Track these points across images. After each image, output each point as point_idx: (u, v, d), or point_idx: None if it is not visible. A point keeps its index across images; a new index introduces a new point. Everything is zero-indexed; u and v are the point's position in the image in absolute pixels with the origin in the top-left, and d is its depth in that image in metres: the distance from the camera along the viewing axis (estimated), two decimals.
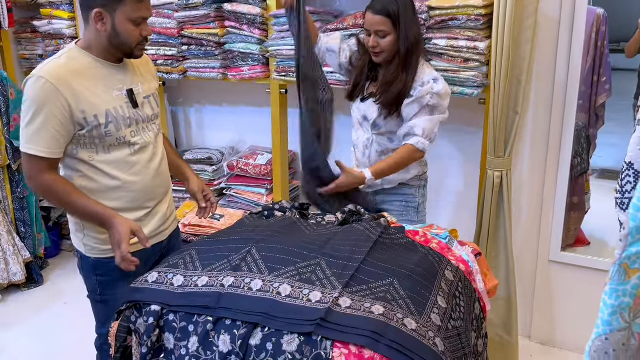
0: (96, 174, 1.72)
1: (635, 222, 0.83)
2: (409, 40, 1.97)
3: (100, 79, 1.70)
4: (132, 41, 1.69)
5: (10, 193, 3.34)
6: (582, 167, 2.88)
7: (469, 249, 1.79)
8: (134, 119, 1.75)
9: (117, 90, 1.73)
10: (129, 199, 1.77)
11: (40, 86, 1.60)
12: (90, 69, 1.69)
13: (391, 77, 2.00)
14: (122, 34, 1.67)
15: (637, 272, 0.84)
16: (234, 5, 2.74)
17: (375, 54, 2.02)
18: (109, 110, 1.69)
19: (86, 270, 1.83)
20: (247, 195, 3.07)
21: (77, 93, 1.63)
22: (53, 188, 1.67)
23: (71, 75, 1.64)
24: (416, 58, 2.01)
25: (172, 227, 1.99)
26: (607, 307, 0.87)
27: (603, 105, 3.08)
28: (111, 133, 1.69)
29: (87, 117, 1.65)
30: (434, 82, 1.99)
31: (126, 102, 1.74)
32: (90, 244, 1.78)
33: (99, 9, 1.63)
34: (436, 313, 1.39)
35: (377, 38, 1.97)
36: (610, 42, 2.98)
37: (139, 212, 1.80)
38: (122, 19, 1.65)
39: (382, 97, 2.03)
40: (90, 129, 1.66)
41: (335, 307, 1.33)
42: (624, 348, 0.88)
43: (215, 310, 1.40)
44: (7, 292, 3.28)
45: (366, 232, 1.69)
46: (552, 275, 2.63)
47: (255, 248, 1.58)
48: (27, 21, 3.65)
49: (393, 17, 1.94)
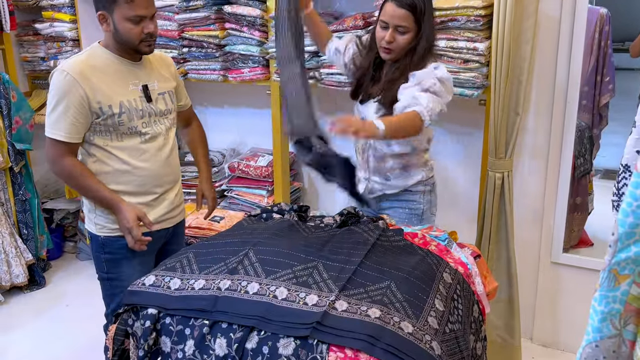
0: (109, 158, 1.90)
1: (624, 227, 0.82)
2: (429, 39, 1.87)
3: (117, 74, 1.88)
4: (133, 39, 1.83)
5: (13, 195, 3.34)
6: (585, 167, 2.87)
7: (468, 251, 1.77)
8: (146, 111, 1.92)
9: (132, 85, 1.90)
10: (138, 183, 1.94)
11: (63, 78, 1.79)
12: (109, 65, 1.88)
13: (396, 75, 1.88)
14: (123, 33, 1.82)
15: (627, 278, 0.83)
16: (234, 7, 2.74)
17: (386, 50, 1.88)
18: (122, 102, 1.86)
19: (95, 249, 2.01)
20: (248, 197, 3.07)
21: (95, 85, 1.81)
22: (72, 171, 1.86)
23: (90, 70, 1.83)
24: (429, 58, 1.90)
25: (180, 217, 2.14)
26: (597, 314, 0.86)
27: (606, 105, 3.06)
28: (123, 122, 1.87)
29: (102, 107, 1.83)
30: (434, 69, 1.85)
31: (140, 96, 1.91)
32: (100, 223, 1.95)
33: (101, 11, 1.82)
34: (433, 316, 1.38)
35: (395, 33, 1.84)
36: (615, 41, 2.96)
37: (147, 196, 1.97)
38: (119, 18, 1.80)
39: (383, 95, 1.91)
40: (105, 118, 1.84)
41: (331, 311, 1.32)
42: (615, 355, 0.86)
43: (211, 313, 1.40)
44: (10, 294, 3.29)
45: (364, 235, 1.68)
46: (555, 277, 2.62)
47: (252, 251, 1.57)
48: (29, 24, 3.66)
49: (418, 14, 1.81)
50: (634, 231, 0.82)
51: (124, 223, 1.86)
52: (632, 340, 0.86)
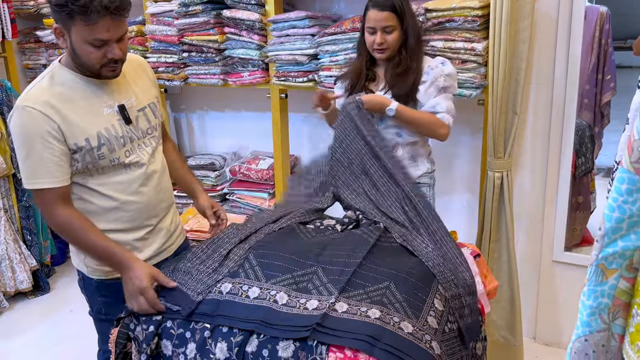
0: (92, 195, 1.62)
1: (611, 222, 0.83)
2: (416, 31, 2.01)
3: (87, 98, 1.57)
4: (92, 63, 1.52)
5: (16, 201, 3.37)
6: (587, 166, 2.86)
7: (468, 251, 1.78)
8: (127, 136, 1.63)
9: (107, 108, 1.60)
10: (128, 219, 1.66)
11: (27, 115, 1.49)
12: (75, 88, 1.56)
13: (402, 69, 2.01)
14: (81, 55, 1.51)
15: (614, 272, 0.84)
16: (232, 12, 2.76)
17: (380, 51, 2.01)
18: (100, 132, 1.57)
19: (89, 291, 1.76)
20: (250, 200, 3.08)
21: (65, 116, 1.52)
22: (67, 226, 1.56)
23: (56, 99, 1.52)
24: (421, 47, 2.06)
25: (179, 242, 1.88)
26: (586, 308, 0.87)
27: (608, 104, 3.05)
28: (104, 155, 1.58)
29: (77, 141, 1.53)
30: (442, 65, 2.00)
31: (118, 120, 1.61)
32: (92, 265, 1.69)
33: (57, 25, 1.49)
34: (433, 316, 1.39)
35: (384, 34, 1.98)
36: (617, 39, 2.95)
37: (140, 231, 1.70)
38: (77, 38, 1.48)
39: (395, 89, 2.02)
40: (82, 153, 1.55)
41: (331, 312, 1.33)
42: (604, 349, 0.87)
43: (213, 317, 1.41)
44: (14, 300, 3.31)
45: (364, 236, 1.69)
46: (556, 276, 2.62)
47: (252, 254, 1.58)
48: (31, 31, 3.69)
49: (399, 11, 1.97)
50: (620, 226, 0.83)
51: (136, 283, 1.49)
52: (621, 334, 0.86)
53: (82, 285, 1.78)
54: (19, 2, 3.57)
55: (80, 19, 1.43)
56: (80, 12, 1.41)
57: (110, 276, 1.68)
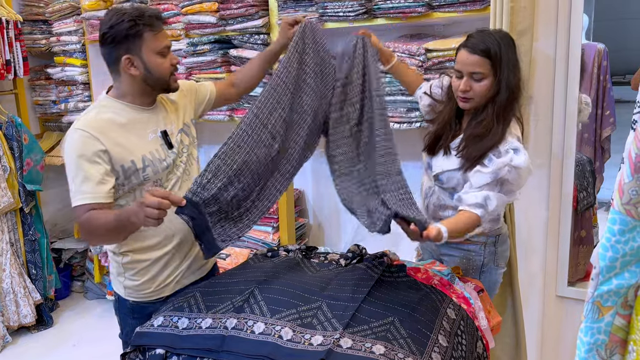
0: None
1: (605, 261, 0.86)
2: (510, 86, 1.72)
3: (134, 124, 1.73)
4: (165, 73, 1.72)
5: (23, 235, 3.40)
6: (588, 201, 2.88)
7: (471, 286, 1.79)
8: (170, 159, 1.77)
9: (152, 133, 1.75)
10: (165, 234, 1.77)
11: (78, 137, 1.63)
12: (122, 116, 1.71)
13: (483, 130, 1.73)
14: (155, 70, 1.70)
15: (610, 309, 0.86)
16: (239, 51, 2.83)
17: (463, 100, 1.77)
18: (145, 155, 1.71)
19: (123, 313, 1.86)
20: (254, 234, 3.10)
21: (112, 140, 1.65)
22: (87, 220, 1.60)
23: (105, 124, 1.67)
24: (514, 109, 1.77)
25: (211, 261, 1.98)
26: (584, 345, 0.89)
27: (608, 138, 3.09)
28: (149, 177, 1.72)
29: (124, 163, 1.67)
30: (514, 153, 1.69)
31: (161, 144, 1.76)
32: (130, 287, 1.80)
33: (127, 55, 1.67)
34: (437, 352, 1.40)
35: (470, 81, 1.73)
36: (616, 74, 3.01)
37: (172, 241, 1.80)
38: (148, 53, 1.68)
39: (467, 151, 1.75)
40: (128, 175, 1.68)
41: (336, 348, 1.34)
42: None
43: (218, 353, 1.41)
44: (17, 334, 3.30)
45: (368, 271, 1.71)
46: (560, 310, 2.61)
47: (257, 289, 1.60)
48: (42, 69, 3.79)
49: (494, 58, 1.69)
50: (614, 264, 0.86)
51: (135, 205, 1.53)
52: None
53: (117, 307, 1.89)
54: (31, 40, 3.68)
55: (148, 33, 1.66)
56: (148, 24, 1.66)
57: (144, 299, 1.81)
